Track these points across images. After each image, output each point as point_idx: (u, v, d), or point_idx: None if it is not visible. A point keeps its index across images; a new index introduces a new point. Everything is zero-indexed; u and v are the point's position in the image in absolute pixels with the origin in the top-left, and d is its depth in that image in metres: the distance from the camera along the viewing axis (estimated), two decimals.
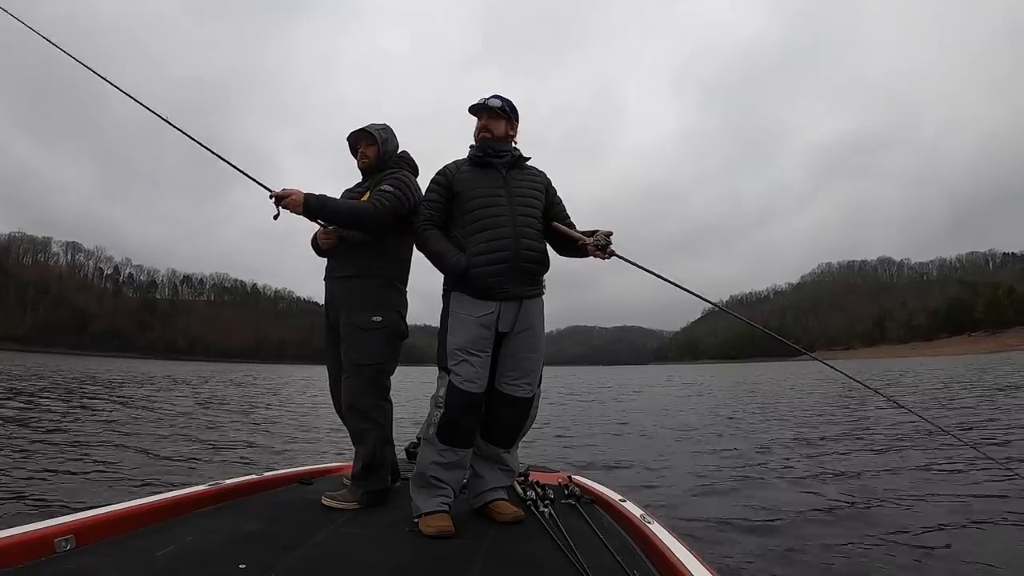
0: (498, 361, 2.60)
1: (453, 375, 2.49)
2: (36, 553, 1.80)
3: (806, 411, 13.05)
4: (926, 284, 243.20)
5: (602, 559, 1.99)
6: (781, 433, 9.36)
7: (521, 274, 2.57)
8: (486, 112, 2.72)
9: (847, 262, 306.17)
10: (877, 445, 7.63)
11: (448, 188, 2.67)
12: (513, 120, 2.77)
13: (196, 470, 6.15)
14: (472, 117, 2.79)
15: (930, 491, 5.06)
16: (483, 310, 2.54)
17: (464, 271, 2.53)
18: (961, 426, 9.01)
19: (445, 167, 2.74)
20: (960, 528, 4.09)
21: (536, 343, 2.65)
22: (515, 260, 2.54)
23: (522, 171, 2.75)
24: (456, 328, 2.56)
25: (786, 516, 4.55)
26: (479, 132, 2.73)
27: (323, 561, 1.97)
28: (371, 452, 2.74)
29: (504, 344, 2.60)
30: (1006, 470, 4.93)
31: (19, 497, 4.77)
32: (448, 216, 2.69)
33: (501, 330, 2.57)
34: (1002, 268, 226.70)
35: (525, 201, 2.65)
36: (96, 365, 46.46)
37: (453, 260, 2.54)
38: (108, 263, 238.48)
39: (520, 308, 2.60)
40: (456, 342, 2.53)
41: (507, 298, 2.56)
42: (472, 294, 2.56)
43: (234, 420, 11.58)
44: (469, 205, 2.62)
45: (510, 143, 2.76)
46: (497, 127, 2.72)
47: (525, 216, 2.62)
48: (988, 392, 15.45)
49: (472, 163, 2.72)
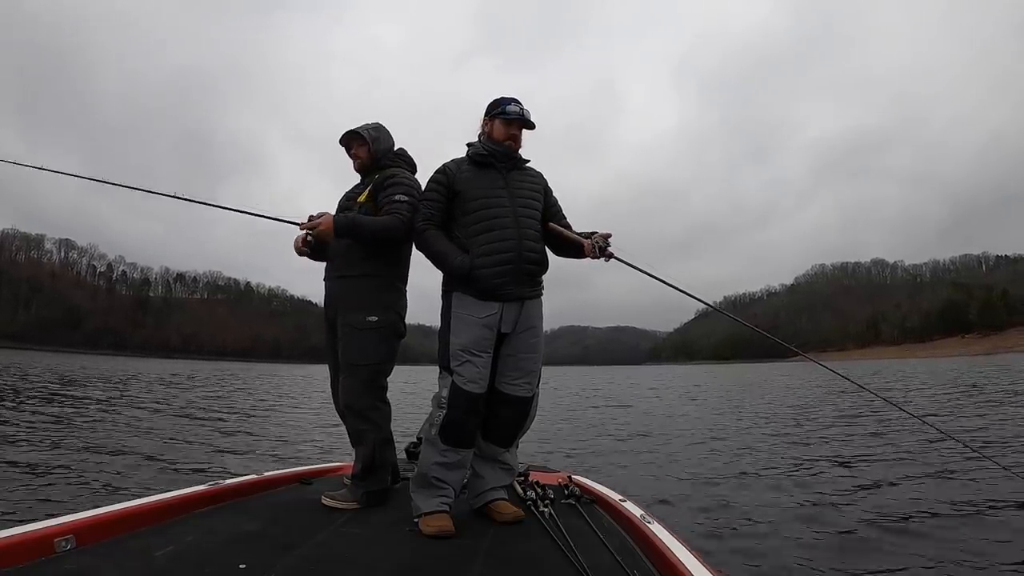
0: (498, 361, 2.60)
1: (456, 375, 2.48)
2: (36, 553, 1.80)
3: (803, 412, 13.11)
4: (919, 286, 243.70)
5: (602, 559, 1.99)
6: (780, 433, 9.41)
7: (523, 275, 2.57)
8: (521, 123, 2.70)
9: (841, 263, 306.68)
10: (875, 446, 7.68)
11: (449, 187, 2.65)
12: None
13: (196, 470, 6.15)
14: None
15: (931, 491, 5.11)
16: (486, 311, 2.53)
17: (468, 272, 2.51)
18: (961, 429, 9.05)
19: (445, 166, 2.71)
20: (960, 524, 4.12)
21: (537, 343, 2.66)
22: (518, 261, 2.54)
23: (522, 172, 2.75)
24: (459, 328, 2.54)
25: (787, 516, 4.58)
26: (506, 139, 2.69)
27: (323, 561, 1.97)
28: (371, 453, 2.73)
29: (505, 344, 2.60)
30: (1011, 474, 4.93)
31: (19, 497, 4.76)
32: (448, 215, 2.67)
33: (503, 331, 2.57)
34: (995, 270, 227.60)
35: (526, 203, 2.66)
36: (90, 363, 46.22)
37: (457, 261, 2.52)
38: (101, 260, 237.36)
39: (522, 309, 2.60)
40: (459, 342, 2.51)
41: (510, 299, 2.56)
42: (475, 295, 2.55)
43: (233, 420, 11.56)
44: (472, 205, 2.60)
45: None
46: (521, 138, 2.73)
47: (527, 218, 2.63)
48: (984, 393, 15.53)
49: (473, 162, 2.70)
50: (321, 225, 2.70)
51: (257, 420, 11.81)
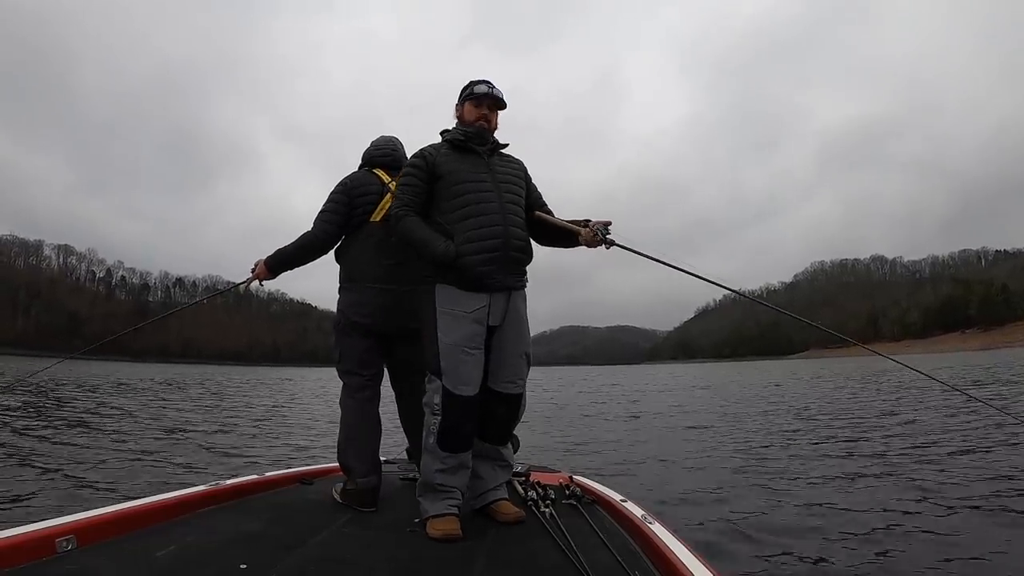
0: (489, 356, 2.53)
1: (447, 378, 2.40)
2: (37, 553, 1.80)
3: (805, 410, 13.11)
4: (919, 282, 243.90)
5: (603, 559, 1.99)
6: (781, 432, 9.39)
7: (511, 263, 2.51)
8: (491, 102, 2.64)
9: (840, 260, 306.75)
10: (877, 446, 7.67)
11: (429, 172, 2.56)
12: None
13: (196, 470, 6.15)
14: (454, 97, 2.69)
15: (931, 492, 5.07)
16: (475, 304, 2.45)
17: (453, 260, 2.43)
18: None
19: (423, 150, 2.63)
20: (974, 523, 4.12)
21: (525, 336, 2.61)
22: (505, 249, 2.47)
23: (503, 157, 2.70)
24: (448, 326, 2.44)
25: (788, 516, 4.56)
26: (477, 119, 2.62)
27: (323, 561, 1.98)
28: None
29: (494, 338, 2.53)
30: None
31: (20, 497, 4.77)
32: (428, 201, 2.58)
33: (491, 324, 2.50)
34: (994, 265, 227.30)
35: (510, 188, 2.59)
36: (89, 368, 46.21)
37: (441, 248, 2.42)
38: (100, 266, 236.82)
39: (509, 300, 2.54)
40: (450, 341, 2.41)
41: (497, 289, 2.49)
42: (460, 286, 2.46)
43: (234, 421, 11.58)
44: (456, 189, 2.52)
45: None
46: (495, 119, 2.68)
47: (512, 204, 2.56)
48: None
49: (452, 146, 2.61)
50: (258, 271, 2.93)
51: (257, 421, 11.82)
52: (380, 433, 2.86)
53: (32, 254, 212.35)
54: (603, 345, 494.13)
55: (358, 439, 2.79)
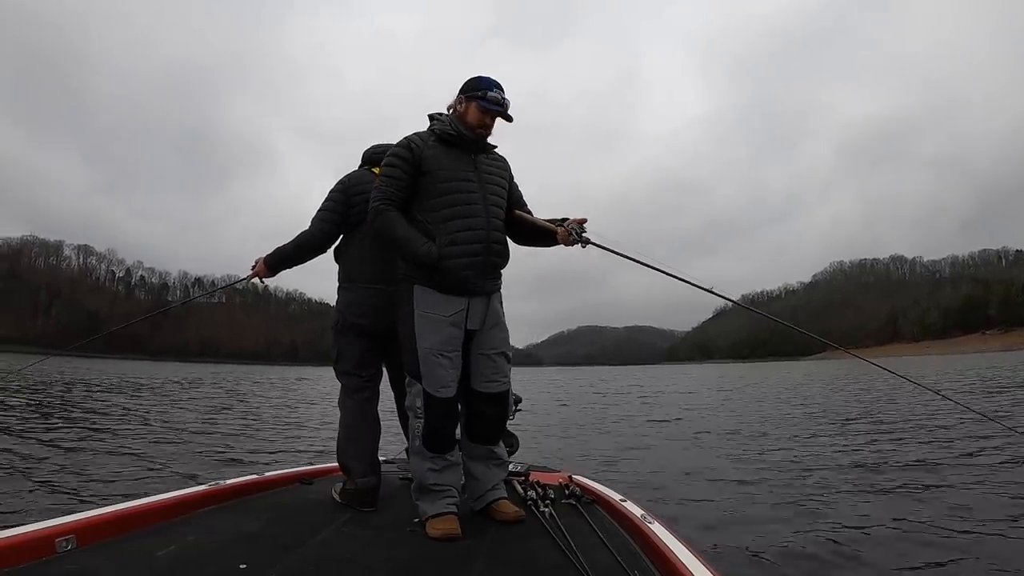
0: (469, 359, 2.51)
1: (426, 381, 2.40)
2: (37, 553, 1.81)
3: (812, 410, 13.03)
4: (939, 282, 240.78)
5: (603, 559, 1.99)
6: (782, 433, 9.34)
7: (490, 267, 2.49)
8: (499, 114, 2.53)
9: (859, 260, 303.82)
10: (880, 445, 7.61)
11: (415, 164, 2.46)
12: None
13: (196, 470, 6.19)
14: (455, 90, 2.59)
15: (932, 491, 5.04)
16: (453, 308, 2.43)
17: (435, 262, 2.37)
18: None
19: (410, 140, 2.52)
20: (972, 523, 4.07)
21: (505, 337, 2.61)
22: (486, 253, 2.45)
23: (489, 156, 2.64)
24: (425, 329, 2.41)
25: (788, 516, 4.54)
26: (479, 126, 2.52)
27: (323, 561, 1.98)
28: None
29: (474, 341, 2.52)
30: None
31: (20, 497, 4.82)
32: (410, 196, 2.49)
33: (470, 328, 2.48)
34: (1015, 265, 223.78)
35: (494, 189, 2.55)
36: (107, 367, 46.80)
37: (423, 249, 2.36)
38: (120, 266, 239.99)
39: (489, 303, 2.53)
40: (427, 345, 2.40)
41: (477, 293, 2.47)
42: (440, 289, 2.42)
43: (235, 421, 11.66)
44: (441, 187, 2.45)
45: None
46: (493, 125, 2.59)
47: (495, 206, 2.52)
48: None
49: (440, 139, 2.52)
50: (258, 268, 2.96)
51: (258, 421, 11.90)
52: (379, 433, 2.87)
53: (52, 254, 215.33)
54: (621, 345, 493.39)
55: (357, 439, 2.80)
